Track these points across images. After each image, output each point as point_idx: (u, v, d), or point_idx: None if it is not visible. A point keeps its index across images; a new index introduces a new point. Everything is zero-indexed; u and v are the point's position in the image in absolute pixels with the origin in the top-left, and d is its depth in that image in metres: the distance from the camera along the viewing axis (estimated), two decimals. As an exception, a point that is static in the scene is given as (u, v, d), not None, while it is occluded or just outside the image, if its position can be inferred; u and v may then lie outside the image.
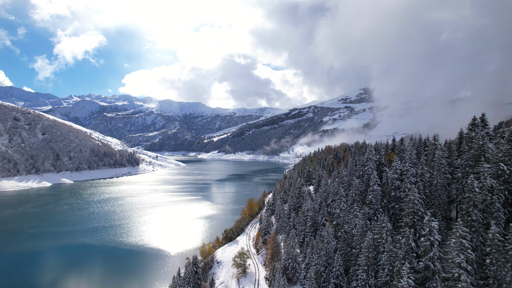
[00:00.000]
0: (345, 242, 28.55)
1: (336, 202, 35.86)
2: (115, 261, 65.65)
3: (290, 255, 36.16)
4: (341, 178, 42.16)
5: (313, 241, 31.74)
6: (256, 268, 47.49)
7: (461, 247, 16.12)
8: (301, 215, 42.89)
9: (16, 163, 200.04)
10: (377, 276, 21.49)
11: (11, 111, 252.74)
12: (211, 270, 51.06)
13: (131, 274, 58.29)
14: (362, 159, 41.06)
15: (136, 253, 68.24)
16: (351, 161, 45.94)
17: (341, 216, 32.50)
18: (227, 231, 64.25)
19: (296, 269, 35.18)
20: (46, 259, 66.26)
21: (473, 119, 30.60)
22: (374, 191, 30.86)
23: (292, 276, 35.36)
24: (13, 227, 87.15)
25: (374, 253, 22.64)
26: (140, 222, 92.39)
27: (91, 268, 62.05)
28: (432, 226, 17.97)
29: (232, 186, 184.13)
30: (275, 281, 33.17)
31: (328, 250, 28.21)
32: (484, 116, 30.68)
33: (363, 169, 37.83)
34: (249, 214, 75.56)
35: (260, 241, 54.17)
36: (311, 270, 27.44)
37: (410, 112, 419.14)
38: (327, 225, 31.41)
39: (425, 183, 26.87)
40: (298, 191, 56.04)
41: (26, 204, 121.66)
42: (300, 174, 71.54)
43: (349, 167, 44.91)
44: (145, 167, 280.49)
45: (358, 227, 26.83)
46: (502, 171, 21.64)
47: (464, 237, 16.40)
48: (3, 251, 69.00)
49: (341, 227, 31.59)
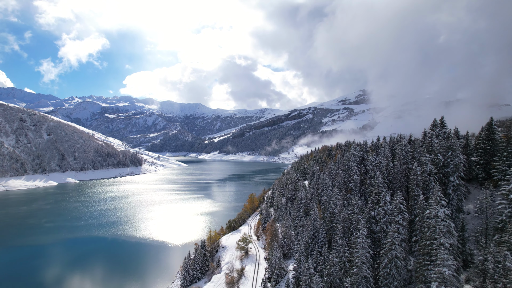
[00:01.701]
0: (328, 219, 35.39)
1: (324, 191, 42.74)
2: (127, 251, 72.30)
3: (285, 235, 43.00)
4: (329, 171, 49.06)
5: (304, 220, 38.60)
6: (257, 251, 54.38)
7: (399, 210, 22.91)
8: (295, 203, 49.75)
9: (23, 163, 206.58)
10: (350, 239, 28.23)
11: (17, 112, 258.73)
12: (217, 253, 57.90)
13: (143, 262, 65.14)
14: (348, 155, 47.93)
15: (146, 245, 74.97)
16: (339, 157, 52.84)
17: (327, 201, 39.36)
18: (231, 221, 71.21)
19: (290, 246, 42.01)
20: (65, 250, 72.90)
21: (434, 120, 37.52)
22: (353, 180, 37.79)
23: (287, 252, 42.20)
24: (32, 222, 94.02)
25: (348, 224, 29.40)
26: (148, 218, 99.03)
27: (105, 257, 68.81)
28: (386, 199, 24.76)
29: (233, 185, 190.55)
30: (273, 255, 40.06)
31: (315, 225, 35.08)
32: (443, 119, 37.68)
33: (347, 163, 44.66)
34: (250, 208, 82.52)
35: (260, 229, 61.07)
36: (301, 242, 34.26)
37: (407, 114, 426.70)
38: (316, 209, 38.26)
39: (389, 171, 33.78)
40: (294, 184, 62.93)
41: (38, 201, 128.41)
42: (297, 170, 78.52)
43: (337, 162, 51.84)
44: (148, 167, 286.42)
45: (338, 207, 33.69)
46: (439, 160, 28.59)
47: (401, 203, 23.23)
48: (27, 242, 75.77)
49: (326, 209, 38.41)
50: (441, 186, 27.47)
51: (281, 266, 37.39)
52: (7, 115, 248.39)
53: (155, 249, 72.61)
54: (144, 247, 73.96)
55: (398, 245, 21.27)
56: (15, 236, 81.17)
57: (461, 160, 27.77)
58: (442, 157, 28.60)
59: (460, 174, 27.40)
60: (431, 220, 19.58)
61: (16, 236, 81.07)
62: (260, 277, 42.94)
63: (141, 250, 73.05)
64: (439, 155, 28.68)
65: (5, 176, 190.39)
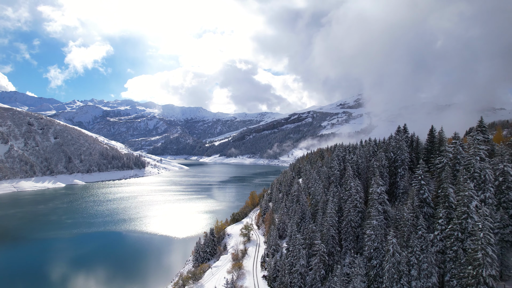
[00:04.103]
0: (313, 205, 45.00)
1: (312, 184, 52.40)
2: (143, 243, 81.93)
3: (281, 221, 52.63)
4: (318, 168, 58.88)
5: (295, 207, 48.27)
6: (257, 237, 64.02)
7: (356, 191, 32.67)
8: (290, 196, 59.39)
9: (32, 165, 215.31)
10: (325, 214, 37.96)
11: (25, 116, 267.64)
12: (223, 240, 67.46)
13: (158, 252, 74.90)
14: (333, 155, 57.69)
15: (159, 238, 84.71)
16: (327, 156, 62.48)
17: (313, 192, 48.99)
18: (234, 214, 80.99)
19: (284, 229, 51.55)
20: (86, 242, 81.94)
21: (398, 127, 47.42)
22: (334, 175, 47.63)
23: (282, 233, 51.74)
24: (53, 219, 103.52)
25: (325, 205, 39.04)
26: (156, 215, 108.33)
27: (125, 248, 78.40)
28: (351, 185, 34.54)
29: (234, 187, 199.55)
30: (270, 236, 49.68)
31: (303, 209, 44.68)
32: (406, 126, 47.72)
33: (332, 162, 54.41)
34: (252, 204, 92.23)
35: (260, 219, 70.70)
36: (292, 222, 43.88)
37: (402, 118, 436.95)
38: (304, 197, 47.82)
39: (358, 166, 43.62)
40: (289, 181, 72.66)
41: (53, 201, 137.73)
42: (292, 170, 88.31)
43: (325, 161, 61.60)
44: (151, 170, 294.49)
45: (320, 195, 43.34)
46: (391, 157, 38.61)
47: (358, 186, 33.08)
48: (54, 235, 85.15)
49: (313, 198, 48.02)
50: (393, 176, 37.28)
51: (277, 243, 46.94)
52: (16, 119, 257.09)
53: (165, 241, 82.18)
54: (157, 240, 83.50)
55: (353, 212, 30.92)
56: (41, 230, 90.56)
57: (406, 157, 37.57)
58: (394, 154, 38.48)
59: (405, 167, 37.16)
60: (373, 195, 29.20)
61: (41, 230, 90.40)
62: (260, 255, 52.62)
63: (155, 242, 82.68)
64: (391, 153, 38.59)
65: (15, 178, 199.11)
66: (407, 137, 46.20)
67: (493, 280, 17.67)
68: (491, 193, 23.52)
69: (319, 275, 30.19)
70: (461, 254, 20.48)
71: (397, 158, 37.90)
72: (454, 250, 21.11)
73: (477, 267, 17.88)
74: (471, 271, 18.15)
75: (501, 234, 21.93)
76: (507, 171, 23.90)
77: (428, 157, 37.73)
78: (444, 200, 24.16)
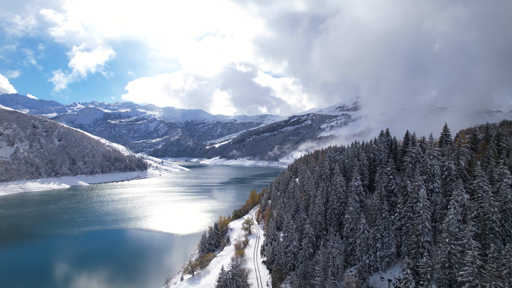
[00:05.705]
0: (306, 199, 51.65)
1: (306, 181, 59.02)
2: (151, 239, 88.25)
3: (278, 214, 59.19)
4: (311, 168, 65.56)
5: (291, 201, 54.88)
6: (257, 230, 70.52)
7: (340, 185, 39.49)
8: (287, 193, 65.99)
9: (37, 167, 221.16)
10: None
11: (30, 119, 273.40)
12: (226, 234, 73.92)
13: (165, 246, 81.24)
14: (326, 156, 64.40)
15: (163, 234, 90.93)
16: (321, 157, 69.18)
17: (307, 188, 55.59)
18: (236, 211, 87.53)
19: (282, 222, 58.05)
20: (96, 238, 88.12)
21: (381, 131, 54.23)
22: (325, 173, 54.31)
23: (279, 226, 58.24)
24: (66, 217, 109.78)
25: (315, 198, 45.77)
26: (161, 214, 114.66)
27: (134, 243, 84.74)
28: (336, 181, 41.23)
29: (235, 188, 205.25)
30: (269, 227, 56.22)
31: (297, 203, 51.25)
32: (388, 130, 54.62)
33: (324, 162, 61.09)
34: (252, 202, 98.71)
35: (260, 215, 77.22)
36: (288, 214, 50.46)
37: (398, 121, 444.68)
38: (299, 193, 54.50)
39: (345, 164, 50.32)
40: (287, 180, 79.24)
41: (62, 201, 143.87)
42: (290, 170, 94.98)
43: (318, 161, 68.22)
44: (153, 172, 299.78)
45: (312, 189, 50.02)
46: (373, 156, 45.45)
47: (342, 181, 39.89)
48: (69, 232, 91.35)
49: (306, 193, 54.61)
50: (372, 173, 44.02)
51: (274, 233, 53.42)
52: (21, 122, 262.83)
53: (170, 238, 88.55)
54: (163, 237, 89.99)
55: (336, 202, 37.57)
56: (54, 228, 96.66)
57: (384, 157, 44.22)
58: (373, 155, 45.26)
59: (382, 165, 43.74)
60: (351, 188, 35.80)
61: (55, 228, 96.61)
62: (260, 245, 59.18)
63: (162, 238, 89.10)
64: (371, 154, 45.35)
65: (22, 179, 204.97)
66: (388, 140, 53.01)
67: (429, 244, 24.17)
68: (438, 184, 30.09)
69: (308, 253, 36.66)
70: (410, 229, 27.00)
71: (375, 158, 44.58)
72: (407, 227, 27.65)
73: (418, 236, 24.40)
74: (414, 238, 24.67)
75: (441, 214, 28.44)
76: (450, 167, 30.48)
77: (402, 156, 44.44)
78: (403, 189, 30.75)
